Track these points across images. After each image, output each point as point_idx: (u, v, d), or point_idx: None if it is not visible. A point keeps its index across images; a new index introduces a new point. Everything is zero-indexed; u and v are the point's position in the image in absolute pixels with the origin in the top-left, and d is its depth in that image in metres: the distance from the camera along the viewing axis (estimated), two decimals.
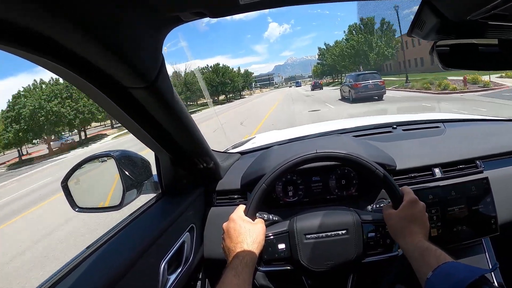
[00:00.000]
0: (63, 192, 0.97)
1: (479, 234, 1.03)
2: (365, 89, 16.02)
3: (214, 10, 0.57)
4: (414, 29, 0.65)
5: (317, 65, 69.11)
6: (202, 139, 1.04)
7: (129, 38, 0.57)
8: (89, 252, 0.82)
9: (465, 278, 0.60)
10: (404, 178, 1.17)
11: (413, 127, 1.59)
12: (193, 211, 1.14)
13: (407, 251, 0.79)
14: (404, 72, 27.01)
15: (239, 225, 0.87)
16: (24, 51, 0.48)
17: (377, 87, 16.10)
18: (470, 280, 0.59)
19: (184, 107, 0.88)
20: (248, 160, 1.38)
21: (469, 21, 0.55)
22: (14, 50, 0.48)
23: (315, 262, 0.90)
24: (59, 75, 0.61)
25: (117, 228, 0.93)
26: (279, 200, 1.21)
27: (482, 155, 1.20)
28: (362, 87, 16.09)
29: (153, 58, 0.66)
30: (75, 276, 0.73)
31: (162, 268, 0.89)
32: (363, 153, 0.98)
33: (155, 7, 0.54)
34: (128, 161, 1.03)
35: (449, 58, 0.67)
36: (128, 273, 0.75)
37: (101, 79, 0.63)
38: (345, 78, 21.00)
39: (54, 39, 0.49)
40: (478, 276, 0.60)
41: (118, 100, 0.70)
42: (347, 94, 17.90)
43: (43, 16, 0.44)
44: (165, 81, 0.73)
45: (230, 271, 0.76)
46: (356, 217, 0.94)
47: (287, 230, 0.94)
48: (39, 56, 0.50)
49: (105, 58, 0.57)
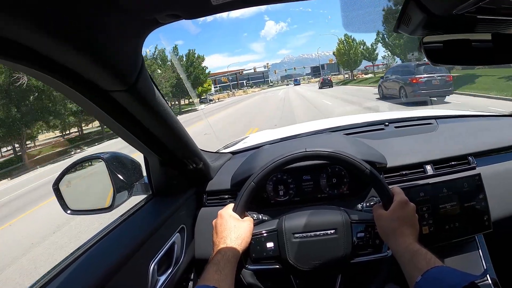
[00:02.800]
0: (55, 195, 0.96)
1: (472, 231, 1.03)
2: (427, 87, 10.66)
3: (188, 12, 0.57)
4: (401, 25, 0.64)
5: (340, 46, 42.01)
6: (189, 139, 1.04)
7: (107, 42, 0.57)
8: (80, 253, 0.82)
9: (455, 284, 0.60)
10: (395, 176, 1.16)
11: (406, 124, 1.58)
12: (184, 211, 1.14)
13: (397, 253, 0.79)
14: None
15: (225, 221, 0.89)
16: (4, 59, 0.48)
17: (444, 84, 10.72)
18: (459, 287, 0.59)
19: (169, 108, 0.88)
20: (239, 160, 1.38)
21: (455, 16, 0.54)
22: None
23: (302, 261, 0.90)
24: (42, 80, 0.61)
25: (107, 230, 0.93)
26: (270, 200, 1.21)
27: (474, 151, 1.20)
28: (425, 83, 10.73)
29: (132, 61, 0.66)
30: (65, 277, 0.73)
31: (151, 269, 0.89)
32: (352, 151, 0.98)
33: (130, 11, 0.55)
34: (118, 163, 1.03)
35: (437, 53, 0.66)
36: (117, 274, 0.75)
37: (82, 84, 0.63)
38: (389, 71, 14.80)
39: (30, 47, 0.50)
40: (468, 283, 0.60)
41: (101, 104, 0.71)
42: (394, 92, 12.63)
43: (19, 24, 0.44)
44: (146, 83, 0.73)
45: (212, 266, 0.77)
46: (345, 216, 0.93)
47: (276, 229, 0.94)
48: (17, 63, 0.51)
49: (83, 62, 0.58)
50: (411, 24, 0.61)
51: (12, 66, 0.53)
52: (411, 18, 0.59)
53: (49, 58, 0.54)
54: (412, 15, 0.59)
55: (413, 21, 0.60)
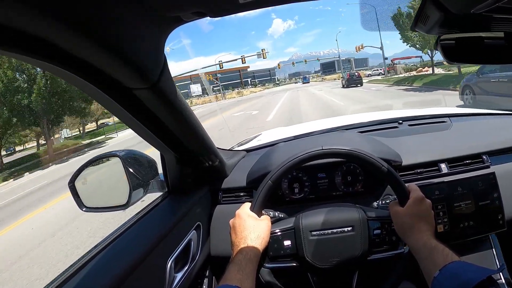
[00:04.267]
0: (70, 192, 0.98)
1: (486, 230, 1.02)
2: None
3: (214, 10, 0.57)
4: (418, 23, 0.64)
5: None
6: (207, 137, 1.05)
7: (131, 39, 0.57)
8: (97, 251, 0.83)
9: (472, 278, 0.60)
10: (410, 174, 1.16)
11: (419, 122, 1.57)
12: (199, 209, 1.15)
13: (415, 249, 0.79)
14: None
15: (243, 221, 0.88)
16: (26, 55, 0.48)
17: None
18: (477, 281, 0.59)
19: (188, 106, 0.88)
20: (254, 157, 1.39)
21: (473, 15, 0.54)
22: (17, 55, 0.48)
23: (320, 259, 0.91)
24: (64, 78, 0.61)
25: (124, 227, 0.94)
26: (285, 197, 1.21)
27: (488, 150, 1.19)
28: None
29: (156, 59, 0.67)
30: (83, 275, 0.74)
31: (169, 266, 0.90)
32: (368, 149, 0.98)
33: (156, 8, 0.55)
34: (134, 161, 1.04)
35: (453, 52, 0.66)
36: (135, 272, 0.76)
37: (104, 81, 0.63)
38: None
39: (55, 44, 0.50)
40: (485, 277, 0.60)
41: (122, 101, 0.71)
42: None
43: (43, 20, 0.44)
44: (168, 81, 0.73)
45: (233, 266, 0.77)
46: (362, 214, 0.93)
47: (293, 227, 0.94)
48: (41, 61, 0.51)
49: (108, 60, 0.58)
50: (429, 23, 0.61)
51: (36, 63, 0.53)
52: (429, 16, 0.60)
53: (72, 55, 0.54)
54: (430, 13, 0.59)
55: (430, 19, 0.60)
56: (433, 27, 0.62)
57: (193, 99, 51.08)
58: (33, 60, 0.51)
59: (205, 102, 44.41)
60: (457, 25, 0.61)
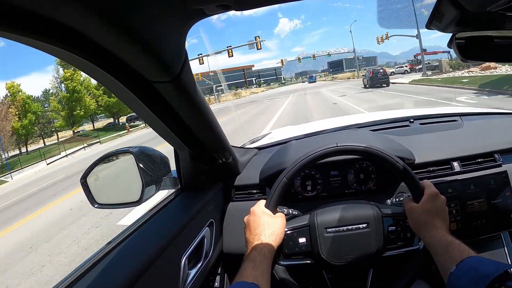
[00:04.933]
0: (82, 188, 0.98)
1: (498, 228, 1.02)
2: None
3: (240, 2, 0.55)
4: (433, 21, 0.64)
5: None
6: (222, 134, 1.05)
7: (154, 31, 0.57)
8: (110, 247, 0.83)
9: (489, 272, 0.60)
10: (422, 172, 1.16)
11: (431, 121, 1.56)
12: (212, 206, 1.16)
13: (430, 245, 0.79)
14: None
15: (258, 217, 0.88)
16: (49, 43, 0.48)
17: None
18: (494, 275, 0.59)
19: (206, 102, 0.88)
20: (266, 155, 1.39)
21: (488, 12, 0.54)
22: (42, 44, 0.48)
23: (335, 256, 0.90)
24: (84, 70, 0.61)
25: (137, 224, 0.95)
26: (297, 195, 1.21)
27: (500, 148, 1.18)
28: None
29: (178, 52, 0.66)
30: (97, 272, 0.74)
31: (183, 263, 0.90)
32: (382, 147, 0.98)
33: (181, 0, 0.54)
34: (146, 157, 1.04)
35: (468, 50, 0.66)
36: (149, 269, 0.76)
37: (125, 74, 0.63)
38: None
39: (80, 32, 0.50)
40: (502, 271, 0.60)
41: (141, 95, 0.71)
42: None
43: (69, 7, 0.44)
44: (188, 75, 0.73)
45: (248, 263, 0.77)
46: (376, 210, 0.93)
47: (308, 224, 0.94)
48: (64, 50, 0.50)
49: (131, 52, 0.58)
50: (444, 20, 0.61)
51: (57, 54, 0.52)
52: (444, 14, 0.59)
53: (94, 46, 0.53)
54: (446, 11, 0.58)
55: (446, 17, 0.60)
56: (448, 25, 0.62)
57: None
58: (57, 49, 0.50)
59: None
60: (472, 23, 0.61)
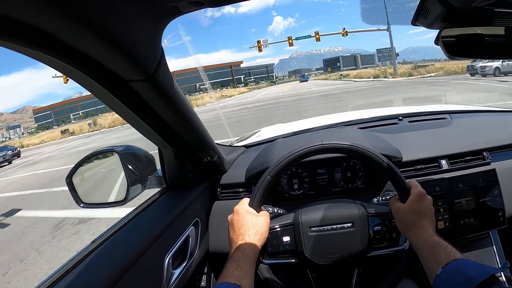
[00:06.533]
0: (68, 188, 0.97)
1: (486, 226, 1.02)
2: None
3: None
4: (419, 17, 0.63)
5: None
6: (205, 132, 1.04)
7: (127, 29, 0.56)
8: (94, 246, 0.82)
9: (475, 276, 0.60)
10: (410, 170, 1.16)
11: (419, 119, 1.57)
12: (198, 205, 1.14)
13: (417, 246, 0.78)
14: None
15: (242, 217, 0.87)
16: (21, 45, 0.47)
17: None
18: (480, 279, 0.59)
19: (186, 100, 0.87)
20: (253, 153, 1.38)
21: (475, 8, 0.53)
22: (13, 45, 0.47)
23: (319, 255, 0.90)
24: (59, 70, 0.60)
25: (121, 223, 0.94)
26: (284, 193, 1.21)
27: (489, 146, 1.18)
28: None
29: (152, 50, 0.65)
30: (79, 271, 0.73)
31: (166, 262, 0.89)
32: (369, 145, 0.97)
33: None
34: (132, 156, 1.03)
35: (455, 47, 0.65)
36: (132, 268, 0.75)
37: (101, 73, 0.62)
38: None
39: (50, 33, 0.49)
40: (489, 275, 0.59)
41: (118, 94, 0.70)
42: None
43: (38, 10, 0.43)
44: (165, 73, 0.72)
45: (231, 263, 0.76)
46: (362, 210, 0.93)
47: (292, 223, 0.94)
48: (36, 51, 0.50)
49: (103, 50, 0.57)
50: (430, 17, 0.60)
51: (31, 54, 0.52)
52: (430, 10, 0.58)
53: (67, 45, 0.52)
54: (431, 7, 0.58)
55: (431, 13, 0.59)
56: (434, 21, 0.61)
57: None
58: (30, 50, 0.50)
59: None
60: (458, 19, 0.60)
